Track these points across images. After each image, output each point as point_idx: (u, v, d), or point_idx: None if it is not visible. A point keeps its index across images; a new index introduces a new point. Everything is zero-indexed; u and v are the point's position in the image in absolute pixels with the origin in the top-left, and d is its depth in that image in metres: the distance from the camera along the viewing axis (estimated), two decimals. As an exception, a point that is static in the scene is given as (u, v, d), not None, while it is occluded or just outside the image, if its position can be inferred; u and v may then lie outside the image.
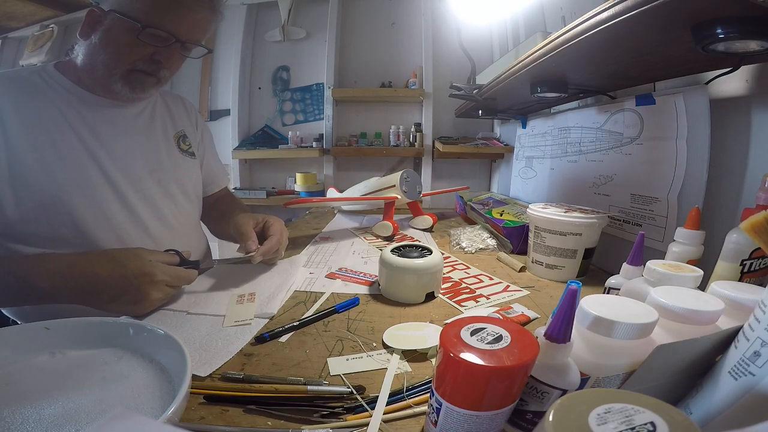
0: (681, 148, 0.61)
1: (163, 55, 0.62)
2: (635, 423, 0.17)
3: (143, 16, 0.57)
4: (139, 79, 0.63)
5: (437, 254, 0.60)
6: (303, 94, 1.92)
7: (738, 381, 0.24)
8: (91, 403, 0.31)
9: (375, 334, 0.48)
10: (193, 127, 0.84)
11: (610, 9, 0.41)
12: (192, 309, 0.54)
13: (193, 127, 0.84)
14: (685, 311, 0.30)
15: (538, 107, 1.10)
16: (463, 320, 0.30)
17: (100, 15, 0.59)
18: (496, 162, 1.76)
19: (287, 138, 1.85)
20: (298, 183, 1.82)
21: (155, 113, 0.75)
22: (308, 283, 0.65)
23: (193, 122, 0.84)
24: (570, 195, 0.92)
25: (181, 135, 0.79)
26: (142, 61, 0.61)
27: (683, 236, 0.49)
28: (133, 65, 0.61)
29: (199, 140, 0.85)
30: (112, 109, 0.67)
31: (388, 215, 0.99)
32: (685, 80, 0.63)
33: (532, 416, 0.28)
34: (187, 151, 0.79)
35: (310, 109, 1.93)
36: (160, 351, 0.37)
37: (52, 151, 0.59)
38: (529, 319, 0.52)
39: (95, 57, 0.61)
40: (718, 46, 0.41)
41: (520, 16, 1.28)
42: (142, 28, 0.57)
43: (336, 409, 0.34)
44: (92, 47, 0.61)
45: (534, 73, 0.67)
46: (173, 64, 0.65)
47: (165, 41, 0.60)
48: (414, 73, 1.76)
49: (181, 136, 0.79)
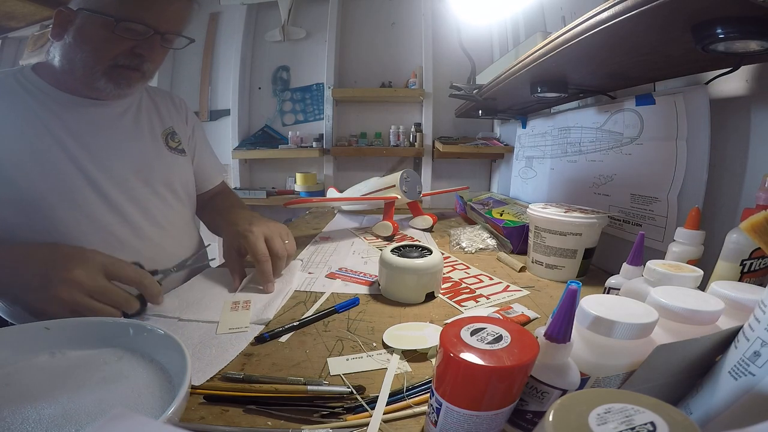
0: (681, 148, 0.61)
1: (144, 48, 0.60)
2: (635, 423, 0.17)
3: (115, 10, 0.56)
4: (122, 74, 0.61)
5: (437, 254, 0.60)
6: (303, 94, 1.92)
7: (738, 381, 0.24)
8: (91, 403, 0.30)
9: (375, 334, 0.48)
10: (183, 122, 0.81)
11: (610, 9, 0.41)
12: (184, 315, 0.52)
13: (183, 123, 0.82)
14: (685, 311, 0.30)
15: (538, 107, 1.10)
16: (463, 320, 0.30)
17: (69, 14, 0.58)
18: (496, 162, 1.76)
19: (287, 138, 1.85)
20: (298, 183, 1.82)
21: (141, 111, 0.73)
22: (308, 283, 0.65)
23: (183, 117, 0.82)
24: (570, 195, 0.92)
25: (170, 132, 0.77)
26: (122, 55, 0.60)
27: (683, 236, 0.49)
28: (114, 61, 0.60)
29: (190, 135, 0.82)
30: (94, 109, 0.65)
31: (388, 215, 0.99)
32: (685, 80, 0.63)
33: (532, 416, 0.28)
34: (177, 148, 0.77)
35: (310, 109, 1.93)
36: (160, 351, 0.37)
37: (30, 156, 0.57)
38: (529, 319, 0.52)
39: (72, 56, 0.59)
40: (718, 46, 0.41)
41: (520, 16, 1.28)
42: (116, 22, 0.56)
43: (336, 409, 0.34)
44: (67, 47, 0.59)
45: (534, 73, 0.67)
46: (156, 57, 0.63)
47: (143, 34, 0.59)
48: (414, 73, 1.76)
49: (169, 133, 0.76)
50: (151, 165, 0.70)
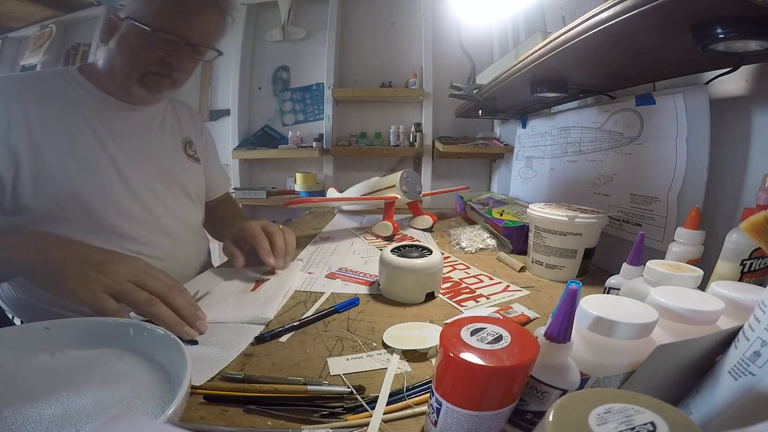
0: (681, 148, 0.61)
1: (174, 58, 0.64)
2: (635, 423, 0.17)
3: (152, 21, 0.60)
4: (154, 81, 0.66)
5: (437, 254, 0.60)
6: (303, 94, 1.92)
7: (738, 381, 0.24)
8: (91, 403, 0.30)
9: (375, 334, 0.48)
10: (198, 134, 0.87)
11: (610, 9, 0.41)
12: None
13: (198, 134, 0.87)
14: (685, 311, 0.30)
15: (538, 107, 1.10)
16: (463, 320, 0.30)
17: (117, 22, 0.63)
18: (496, 162, 1.76)
19: (287, 138, 1.85)
20: (298, 183, 1.82)
21: (165, 119, 0.78)
22: (308, 283, 0.65)
23: (198, 129, 0.88)
24: (570, 195, 0.92)
25: (188, 141, 0.83)
26: (155, 64, 0.64)
27: (683, 236, 0.49)
28: (147, 68, 0.64)
29: (204, 146, 0.88)
30: (129, 113, 0.70)
31: (388, 215, 0.99)
32: (685, 80, 0.63)
33: (532, 416, 0.28)
34: (193, 156, 0.83)
35: (310, 109, 1.93)
36: (160, 351, 0.37)
37: (71, 151, 0.61)
38: (529, 319, 0.52)
39: (113, 61, 0.65)
40: (718, 46, 0.41)
41: (520, 16, 1.29)
42: (151, 32, 0.60)
43: (336, 409, 0.34)
44: (110, 52, 0.65)
45: (534, 73, 0.67)
46: (186, 66, 0.67)
47: (174, 44, 0.63)
48: (414, 73, 1.76)
49: (188, 141, 0.82)
50: (171, 169, 0.76)
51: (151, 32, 0.60)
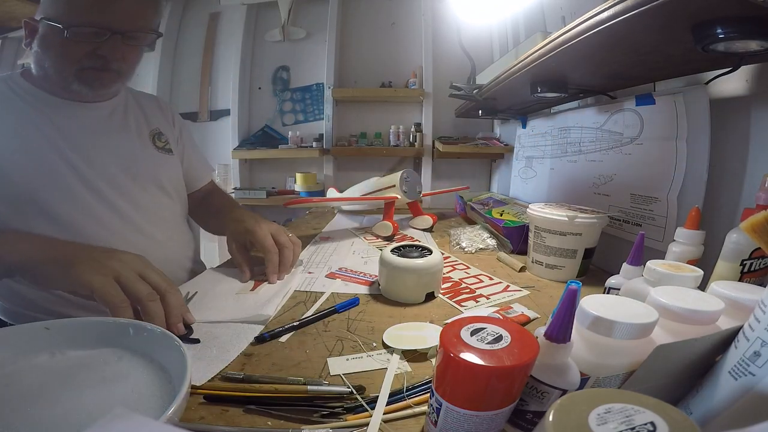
0: (681, 148, 0.61)
1: (104, 50, 0.61)
2: (635, 423, 0.17)
3: (66, 17, 0.57)
4: (93, 76, 0.63)
5: (437, 254, 0.60)
6: (303, 94, 1.92)
7: (738, 381, 0.24)
8: (91, 403, 0.30)
9: (375, 334, 0.48)
10: (169, 124, 0.84)
11: (610, 9, 0.41)
12: None
13: (170, 125, 0.84)
14: (685, 311, 0.30)
15: (538, 107, 1.10)
16: (463, 320, 0.30)
17: (33, 24, 0.61)
18: (496, 162, 1.76)
19: (287, 138, 1.85)
20: (298, 183, 1.82)
21: (127, 112, 0.75)
22: (308, 283, 0.65)
23: (169, 120, 0.85)
24: (570, 195, 0.92)
25: (156, 132, 0.79)
26: (86, 59, 0.61)
27: (683, 236, 0.49)
28: (80, 64, 0.61)
29: (177, 137, 0.85)
30: (81, 111, 0.67)
31: (388, 215, 0.99)
32: (685, 80, 0.63)
33: (532, 416, 0.28)
34: (164, 148, 0.79)
35: (310, 109, 1.93)
36: (160, 351, 0.37)
37: (24, 155, 0.60)
38: (529, 319, 0.52)
39: (42, 63, 0.62)
40: (718, 46, 0.41)
41: (520, 16, 1.29)
42: (64, 28, 0.57)
43: (336, 409, 0.34)
44: (37, 55, 0.62)
45: (534, 73, 0.67)
46: (124, 56, 0.63)
47: (99, 36, 0.59)
48: (414, 73, 1.76)
49: (156, 133, 0.79)
50: (138, 163, 0.73)
51: (63, 28, 0.57)
